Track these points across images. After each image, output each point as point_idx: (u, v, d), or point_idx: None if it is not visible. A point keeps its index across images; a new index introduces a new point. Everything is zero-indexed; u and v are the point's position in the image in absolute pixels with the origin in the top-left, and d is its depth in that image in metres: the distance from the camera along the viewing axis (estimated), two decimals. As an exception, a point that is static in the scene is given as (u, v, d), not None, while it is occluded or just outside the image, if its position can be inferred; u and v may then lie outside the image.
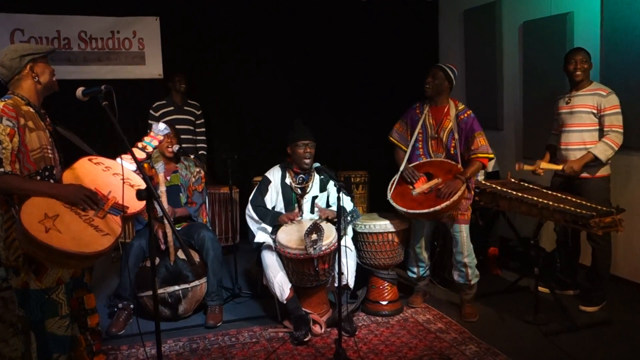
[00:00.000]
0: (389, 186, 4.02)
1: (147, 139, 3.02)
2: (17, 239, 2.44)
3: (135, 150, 2.89)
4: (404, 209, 3.83)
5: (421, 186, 3.89)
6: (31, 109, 2.59)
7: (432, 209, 3.70)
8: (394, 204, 3.89)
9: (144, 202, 2.34)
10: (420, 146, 4.05)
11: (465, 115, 3.92)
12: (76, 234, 2.41)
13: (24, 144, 2.49)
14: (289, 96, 6.26)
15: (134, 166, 2.72)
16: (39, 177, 2.54)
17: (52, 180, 2.59)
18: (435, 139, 3.99)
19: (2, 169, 2.39)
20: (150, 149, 2.95)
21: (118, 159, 2.75)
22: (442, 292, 4.44)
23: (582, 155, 3.94)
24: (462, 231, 3.91)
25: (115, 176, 2.66)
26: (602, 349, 3.44)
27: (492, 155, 3.90)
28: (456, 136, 3.91)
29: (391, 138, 4.18)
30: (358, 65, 6.46)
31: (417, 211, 3.79)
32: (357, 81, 6.48)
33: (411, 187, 3.93)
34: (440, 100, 3.97)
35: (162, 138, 3.04)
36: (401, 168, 4.02)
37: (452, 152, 3.93)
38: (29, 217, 2.35)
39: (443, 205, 3.66)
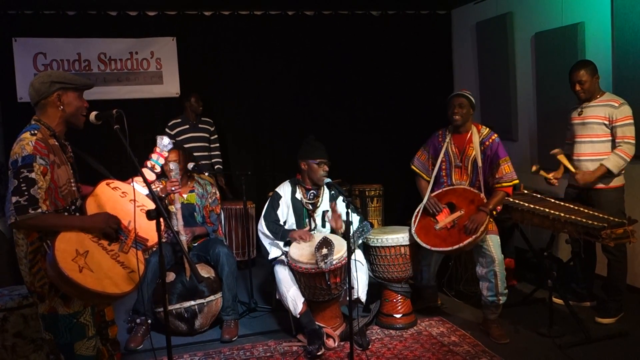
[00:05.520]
0: (413, 218, 3.97)
1: (154, 156, 3.09)
2: (47, 273, 2.43)
3: (145, 170, 2.97)
4: (428, 246, 3.80)
5: (444, 220, 3.83)
6: (56, 142, 2.54)
7: (455, 247, 3.69)
8: (418, 240, 3.85)
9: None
10: (444, 174, 4.00)
11: (490, 140, 3.85)
12: (107, 272, 2.47)
13: (53, 180, 2.45)
14: (303, 111, 6.35)
15: (146, 190, 2.78)
16: (66, 213, 2.53)
17: (77, 214, 2.59)
18: (460, 168, 3.93)
19: (39, 210, 2.35)
20: (158, 169, 3.04)
21: (132, 183, 2.79)
22: (456, 305, 4.44)
23: (595, 169, 3.89)
24: (488, 240, 3.75)
25: (131, 203, 2.68)
26: (617, 361, 3.41)
27: (517, 181, 3.83)
28: (480, 164, 3.84)
29: (413, 166, 4.12)
30: (372, 78, 6.52)
31: (442, 249, 3.78)
32: (371, 95, 6.55)
33: (434, 220, 3.88)
34: (463, 127, 3.91)
35: (167, 154, 3.12)
36: (424, 200, 3.96)
37: (476, 180, 3.88)
38: (62, 254, 2.35)
39: (466, 242, 3.64)
